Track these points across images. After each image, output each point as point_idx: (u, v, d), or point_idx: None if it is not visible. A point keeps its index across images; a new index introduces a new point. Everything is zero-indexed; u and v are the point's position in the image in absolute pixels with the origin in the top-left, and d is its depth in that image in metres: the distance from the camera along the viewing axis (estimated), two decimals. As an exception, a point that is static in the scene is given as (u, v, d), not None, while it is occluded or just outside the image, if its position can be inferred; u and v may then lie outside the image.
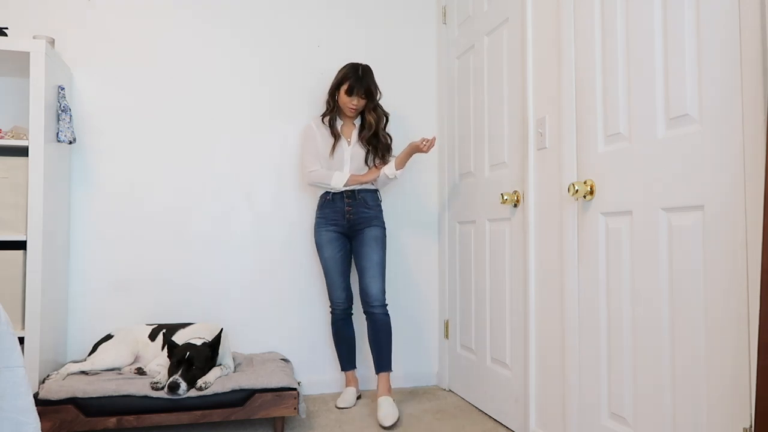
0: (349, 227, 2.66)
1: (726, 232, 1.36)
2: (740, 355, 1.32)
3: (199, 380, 2.15)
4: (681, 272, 1.49)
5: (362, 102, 2.64)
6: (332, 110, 2.69)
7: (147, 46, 2.78)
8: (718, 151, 1.38)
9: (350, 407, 2.65)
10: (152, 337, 2.46)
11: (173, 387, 2.08)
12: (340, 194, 2.66)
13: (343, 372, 2.80)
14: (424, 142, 2.48)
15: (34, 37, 2.38)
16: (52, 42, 2.46)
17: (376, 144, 2.68)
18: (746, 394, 1.30)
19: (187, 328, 2.46)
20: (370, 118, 2.66)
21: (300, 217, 2.93)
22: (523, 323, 2.23)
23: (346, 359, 2.77)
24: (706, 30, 1.42)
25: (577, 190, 1.81)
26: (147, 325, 2.56)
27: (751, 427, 1.28)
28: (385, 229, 2.70)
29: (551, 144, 2.07)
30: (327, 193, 2.69)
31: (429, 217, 3.11)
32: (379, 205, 2.72)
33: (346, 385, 2.77)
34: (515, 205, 2.31)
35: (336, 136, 2.67)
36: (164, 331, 2.45)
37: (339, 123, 2.71)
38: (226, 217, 2.85)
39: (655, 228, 1.57)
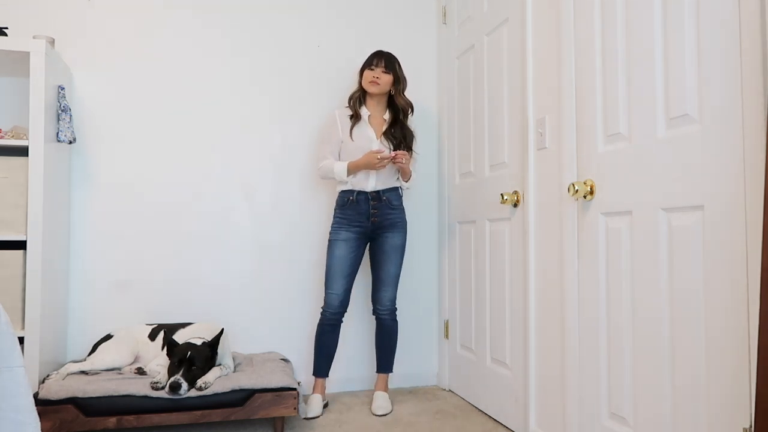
0: (372, 230, 2.61)
1: (726, 232, 1.36)
2: (740, 355, 1.32)
3: (198, 380, 2.15)
4: (681, 272, 1.49)
5: (385, 76, 2.58)
6: (358, 92, 2.65)
7: (147, 46, 2.78)
8: (718, 151, 1.38)
9: (319, 416, 2.50)
10: (152, 336, 2.46)
11: (175, 387, 2.07)
12: (365, 195, 2.58)
13: (315, 377, 2.63)
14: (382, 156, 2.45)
15: (34, 37, 2.37)
16: (52, 42, 2.46)
17: (402, 137, 2.63)
18: (746, 394, 1.30)
19: (187, 328, 2.46)
20: (401, 100, 2.64)
21: (300, 217, 2.93)
22: (523, 323, 2.23)
23: (324, 366, 2.62)
24: (706, 30, 1.42)
25: (577, 190, 1.81)
26: (147, 325, 2.56)
27: (751, 427, 1.28)
28: (406, 231, 2.68)
29: (551, 144, 2.07)
30: (350, 192, 2.58)
31: (429, 217, 3.11)
32: (402, 204, 2.68)
33: (314, 392, 2.61)
34: (515, 205, 2.31)
35: (357, 116, 2.61)
36: (164, 330, 2.45)
37: (366, 113, 2.65)
38: (226, 217, 2.85)
39: (655, 228, 1.57)
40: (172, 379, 2.09)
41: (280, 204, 2.92)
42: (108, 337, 2.46)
